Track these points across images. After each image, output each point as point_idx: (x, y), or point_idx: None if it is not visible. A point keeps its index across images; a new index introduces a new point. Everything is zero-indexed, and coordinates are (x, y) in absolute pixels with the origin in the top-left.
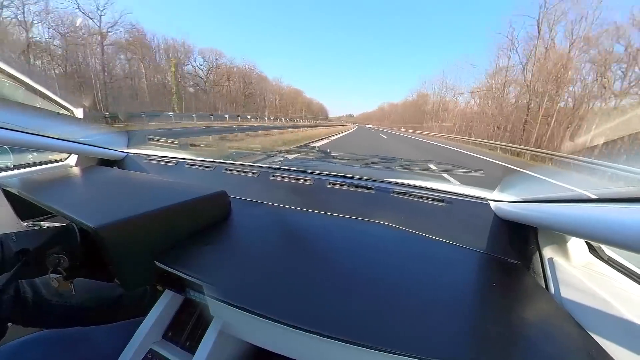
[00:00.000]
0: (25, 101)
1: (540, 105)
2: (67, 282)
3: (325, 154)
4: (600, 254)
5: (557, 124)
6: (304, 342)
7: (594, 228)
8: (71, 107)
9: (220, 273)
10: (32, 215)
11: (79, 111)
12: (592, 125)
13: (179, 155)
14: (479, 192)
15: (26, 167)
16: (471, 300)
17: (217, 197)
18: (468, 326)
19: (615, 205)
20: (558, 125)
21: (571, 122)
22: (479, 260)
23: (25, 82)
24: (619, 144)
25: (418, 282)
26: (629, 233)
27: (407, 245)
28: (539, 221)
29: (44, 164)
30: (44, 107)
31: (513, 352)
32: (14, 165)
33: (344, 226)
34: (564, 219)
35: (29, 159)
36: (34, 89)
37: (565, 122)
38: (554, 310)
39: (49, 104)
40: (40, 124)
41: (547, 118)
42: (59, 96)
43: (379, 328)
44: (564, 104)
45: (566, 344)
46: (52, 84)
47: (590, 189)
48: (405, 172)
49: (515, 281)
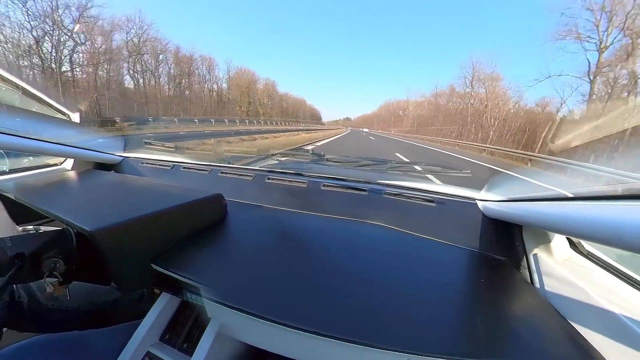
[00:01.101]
0: (21, 105)
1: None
2: (62, 287)
3: (319, 157)
4: (580, 249)
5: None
6: (300, 341)
7: (573, 225)
8: (67, 112)
9: (217, 275)
10: (28, 219)
11: (75, 115)
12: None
13: (175, 159)
14: (467, 192)
15: (22, 171)
16: (461, 296)
17: (213, 200)
18: (458, 321)
19: (591, 202)
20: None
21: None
22: (468, 258)
23: (21, 86)
24: (589, 147)
25: (410, 280)
26: (604, 229)
27: (400, 245)
28: (523, 219)
29: (39, 168)
30: (39, 111)
31: (500, 344)
32: (9, 169)
33: (338, 227)
34: (545, 216)
35: (24, 163)
36: (30, 93)
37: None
38: (538, 303)
39: (45, 108)
40: (35, 128)
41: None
42: (55, 100)
43: (373, 326)
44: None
45: (549, 334)
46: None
47: (569, 188)
48: (397, 173)
49: (502, 277)
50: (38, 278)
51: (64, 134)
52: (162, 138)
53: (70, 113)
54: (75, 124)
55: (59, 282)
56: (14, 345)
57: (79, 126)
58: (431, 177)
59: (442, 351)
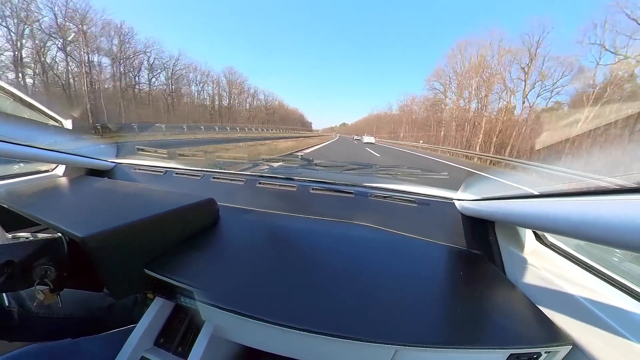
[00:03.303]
0: (12, 111)
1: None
2: (53, 294)
3: (308, 162)
4: (545, 241)
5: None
6: (293, 339)
7: (537, 220)
8: (60, 118)
9: (210, 278)
10: (18, 226)
11: (67, 122)
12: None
13: (168, 165)
14: (445, 193)
15: (12, 177)
16: (442, 289)
17: (205, 205)
18: (441, 313)
19: (551, 199)
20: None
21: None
22: (447, 253)
23: (12, 92)
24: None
25: (396, 277)
26: (563, 223)
27: (385, 243)
28: (495, 216)
29: (30, 175)
30: (31, 118)
31: (479, 331)
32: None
33: (327, 228)
34: (513, 213)
35: (15, 170)
36: (21, 100)
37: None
38: (510, 291)
39: (37, 115)
40: (27, 134)
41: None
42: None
43: (363, 321)
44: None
45: (520, 318)
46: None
47: (534, 187)
48: (382, 176)
49: (478, 269)
50: (29, 286)
51: (56, 140)
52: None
53: (63, 119)
54: (67, 130)
55: (49, 289)
56: (4, 356)
57: (71, 132)
58: (414, 179)
59: (427, 341)
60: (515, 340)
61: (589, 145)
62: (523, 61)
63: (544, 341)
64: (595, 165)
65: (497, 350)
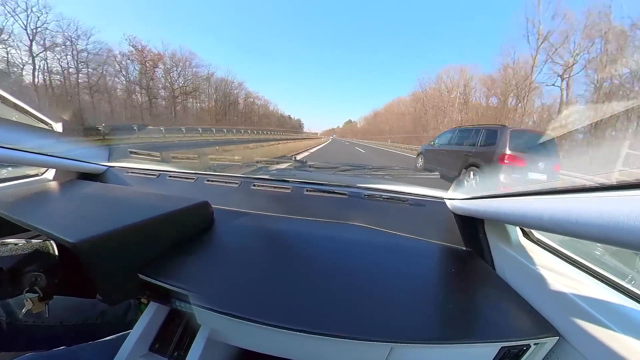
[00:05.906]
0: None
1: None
2: (42, 303)
3: (302, 164)
4: (531, 237)
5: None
6: (290, 340)
7: (523, 217)
8: (50, 121)
9: (205, 281)
10: (7, 232)
11: (58, 125)
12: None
13: (161, 168)
14: (436, 192)
15: (0, 182)
16: (435, 287)
17: (199, 208)
18: (434, 310)
19: (536, 197)
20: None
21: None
22: (439, 251)
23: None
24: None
25: (390, 275)
26: (548, 219)
27: (378, 243)
28: (484, 214)
29: (19, 179)
30: (20, 120)
31: (470, 324)
32: None
33: (321, 230)
34: (501, 210)
35: (3, 174)
36: (9, 102)
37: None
38: (500, 286)
39: (26, 117)
40: (15, 137)
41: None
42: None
43: (358, 320)
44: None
45: (509, 312)
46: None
47: (520, 185)
48: (374, 177)
49: (469, 266)
50: (18, 294)
51: (46, 143)
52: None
53: (53, 122)
54: (57, 133)
55: (39, 297)
56: None
57: (62, 135)
58: (406, 179)
59: (422, 338)
60: (506, 333)
61: (573, 145)
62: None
63: (532, 333)
64: (578, 163)
65: (489, 343)
